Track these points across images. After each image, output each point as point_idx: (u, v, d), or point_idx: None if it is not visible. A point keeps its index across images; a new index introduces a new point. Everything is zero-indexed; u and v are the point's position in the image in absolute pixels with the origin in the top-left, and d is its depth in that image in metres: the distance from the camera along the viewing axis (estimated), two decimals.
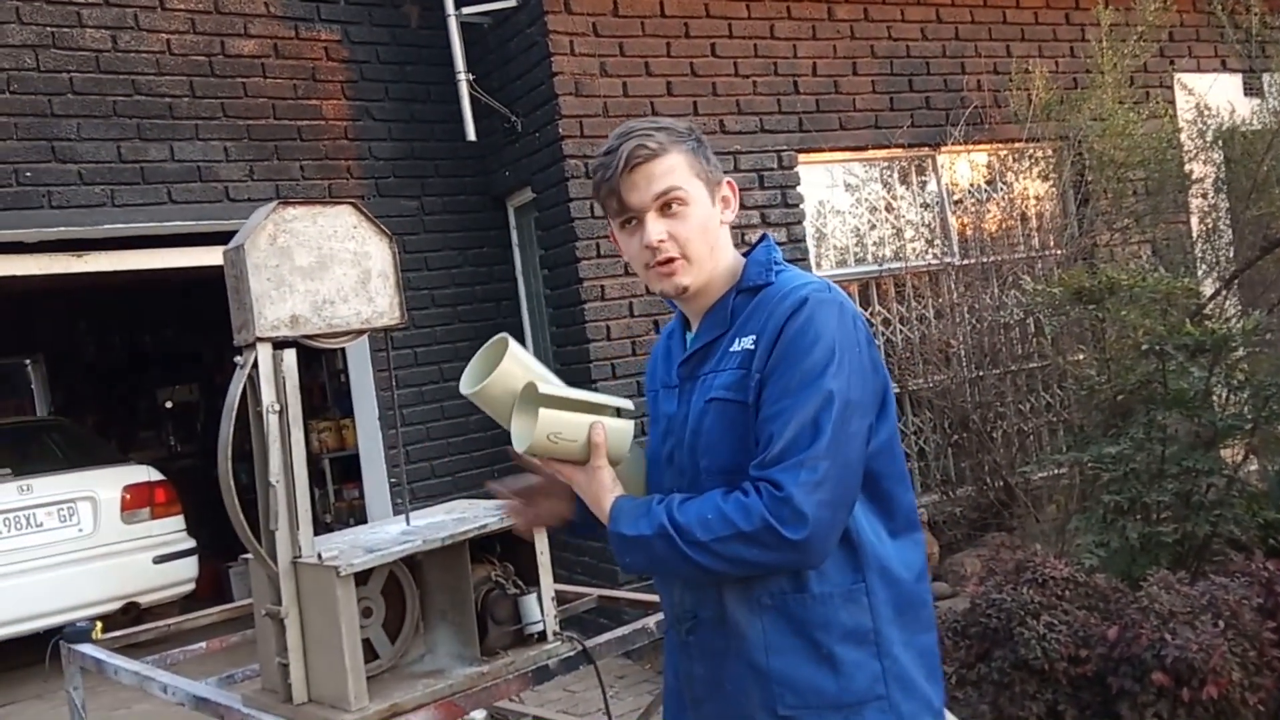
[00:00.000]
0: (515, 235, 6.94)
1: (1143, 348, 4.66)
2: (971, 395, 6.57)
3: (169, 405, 13.45)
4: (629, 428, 1.87)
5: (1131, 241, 7.10)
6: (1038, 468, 5.64)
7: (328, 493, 9.11)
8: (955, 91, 7.12)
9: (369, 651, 2.62)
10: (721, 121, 6.34)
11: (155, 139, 5.88)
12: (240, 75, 6.11)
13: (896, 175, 7.14)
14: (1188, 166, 7.04)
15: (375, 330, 2.71)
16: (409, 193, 6.62)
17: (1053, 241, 7.12)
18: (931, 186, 7.24)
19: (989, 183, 7.36)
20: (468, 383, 1.87)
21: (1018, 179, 7.24)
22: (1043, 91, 6.80)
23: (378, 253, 2.71)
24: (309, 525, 2.54)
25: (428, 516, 2.99)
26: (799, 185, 6.60)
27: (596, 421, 1.81)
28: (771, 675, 1.78)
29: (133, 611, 7.09)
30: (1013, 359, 6.82)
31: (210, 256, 5.91)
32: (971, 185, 7.33)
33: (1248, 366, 4.85)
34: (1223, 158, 7.14)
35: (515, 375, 1.84)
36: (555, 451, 1.82)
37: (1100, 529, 4.45)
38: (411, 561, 2.74)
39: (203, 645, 3.57)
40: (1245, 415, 4.62)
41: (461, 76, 6.32)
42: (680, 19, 6.26)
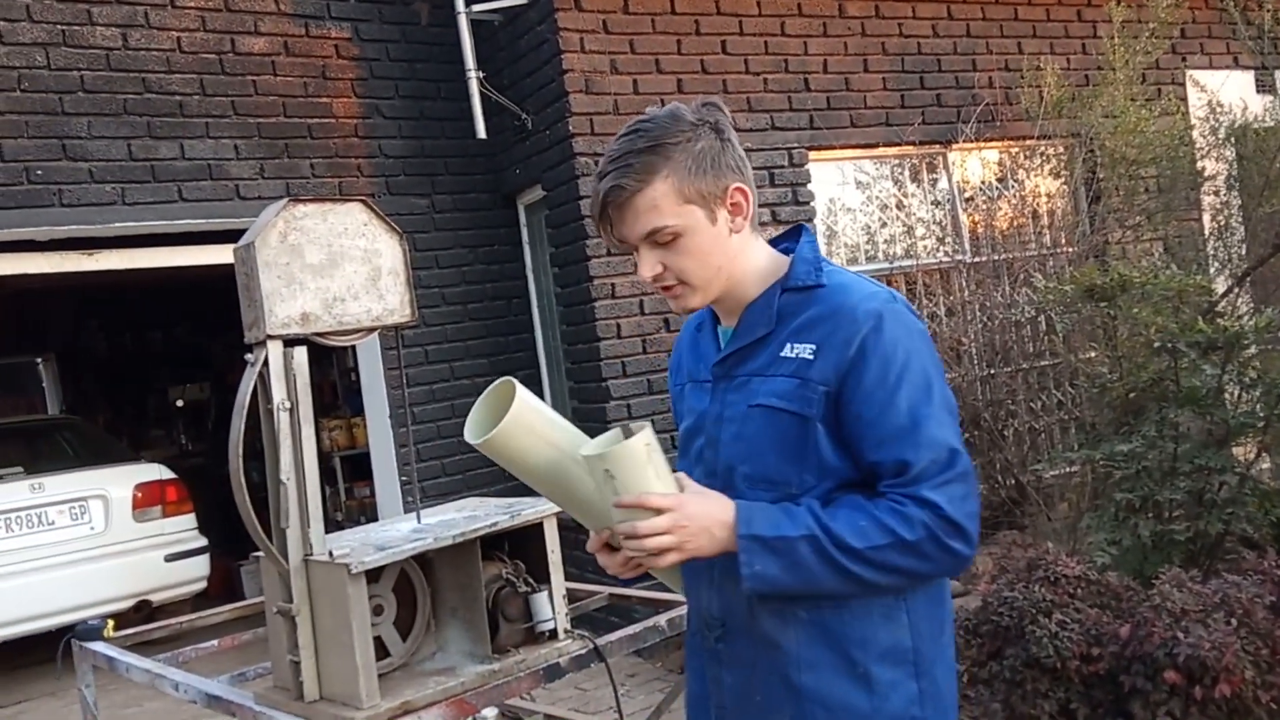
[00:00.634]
0: (525, 233, 6.94)
1: (1155, 345, 4.65)
2: (983, 393, 6.55)
3: (180, 404, 13.47)
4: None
5: (1143, 239, 7.08)
6: (1049, 466, 5.64)
7: (339, 491, 9.14)
8: (967, 89, 7.10)
9: (380, 649, 2.62)
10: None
11: (166, 137, 5.89)
12: (250, 73, 6.13)
13: (907, 173, 7.12)
14: (1200, 164, 7.02)
15: (386, 328, 2.72)
16: (419, 190, 6.62)
17: (1064, 239, 7.10)
18: (943, 184, 7.22)
19: (1000, 180, 7.34)
20: (474, 431, 1.76)
21: (1029, 176, 7.23)
22: (1054, 88, 6.78)
23: (388, 250, 2.71)
24: (320, 523, 2.55)
25: (439, 514, 2.99)
26: (810, 183, 6.58)
27: (647, 468, 1.66)
28: (804, 691, 1.72)
29: (144, 610, 7.11)
30: (1024, 357, 6.81)
31: (221, 254, 5.92)
32: (983, 183, 7.31)
33: (1260, 364, 4.82)
34: (1235, 155, 7.11)
35: (532, 425, 1.73)
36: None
37: (1112, 527, 4.44)
38: (423, 559, 2.74)
39: (214, 643, 3.57)
40: (1257, 413, 4.60)
41: (472, 74, 6.32)
42: (691, 16, 6.25)
